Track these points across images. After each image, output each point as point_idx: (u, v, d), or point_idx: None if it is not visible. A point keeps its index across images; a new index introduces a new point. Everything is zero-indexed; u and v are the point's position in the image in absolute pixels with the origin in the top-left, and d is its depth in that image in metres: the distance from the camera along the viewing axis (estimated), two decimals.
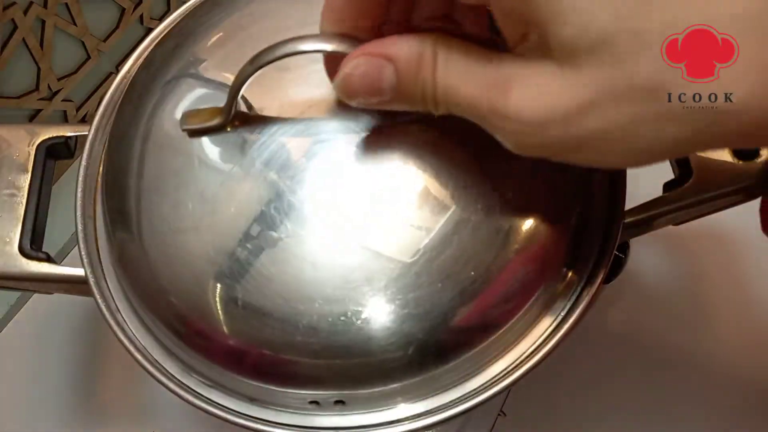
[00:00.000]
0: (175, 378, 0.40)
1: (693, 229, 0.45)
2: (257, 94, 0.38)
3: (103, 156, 0.45)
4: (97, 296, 0.41)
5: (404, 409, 0.39)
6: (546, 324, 0.38)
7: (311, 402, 0.38)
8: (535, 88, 0.25)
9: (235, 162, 0.37)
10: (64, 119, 0.65)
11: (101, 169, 0.45)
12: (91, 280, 0.42)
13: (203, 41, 0.41)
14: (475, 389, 0.38)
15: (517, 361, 0.38)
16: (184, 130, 0.38)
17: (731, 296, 0.57)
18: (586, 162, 0.27)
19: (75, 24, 0.51)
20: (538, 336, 0.38)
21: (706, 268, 0.57)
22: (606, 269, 0.39)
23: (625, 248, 0.50)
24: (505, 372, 0.38)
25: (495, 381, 0.38)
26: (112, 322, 0.41)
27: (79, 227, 0.43)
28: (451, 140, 0.36)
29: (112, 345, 0.51)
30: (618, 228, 0.40)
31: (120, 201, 0.40)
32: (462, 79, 0.27)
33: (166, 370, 0.40)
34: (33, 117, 0.60)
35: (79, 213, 0.43)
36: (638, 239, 0.52)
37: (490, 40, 0.28)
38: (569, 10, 0.23)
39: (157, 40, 0.47)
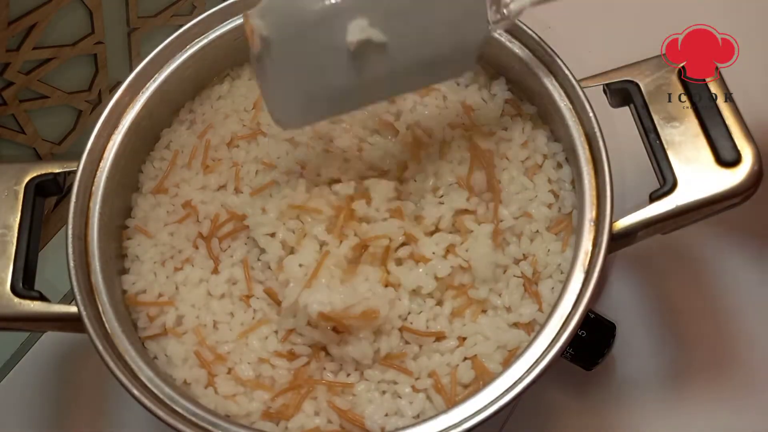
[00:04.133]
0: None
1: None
2: None
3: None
4: (92, 332, 0.41)
5: None
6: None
7: None
8: None
9: None
10: None
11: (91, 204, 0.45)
12: (85, 317, 0.41)
13: None
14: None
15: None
16: None
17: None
18: None
19: (24, 132, 0.52)
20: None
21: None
22: (595, 280, 0.40)
23: (609, 339, 0.49)
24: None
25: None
26: (108, 358, 0.40)
27: (71, 264, 0.43)
28: None
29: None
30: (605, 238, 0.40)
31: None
32: None
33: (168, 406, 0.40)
34: None
35: (70, 250, 0.43)
36: None
37: None
38: None
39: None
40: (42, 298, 0.43)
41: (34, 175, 0.47)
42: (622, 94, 0.46)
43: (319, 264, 0.43)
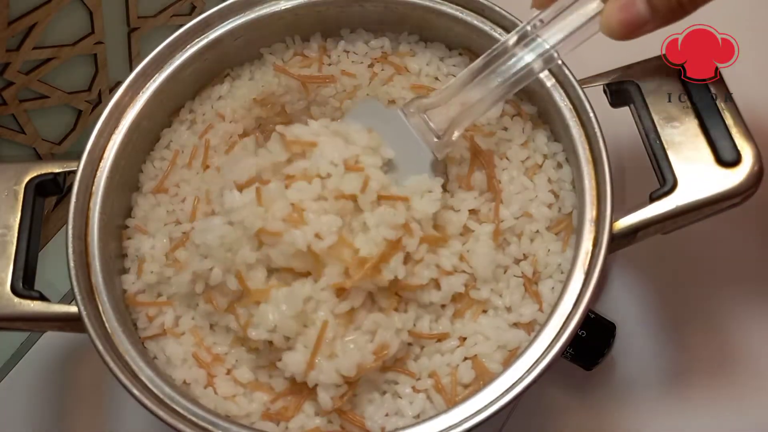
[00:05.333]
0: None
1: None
2: None
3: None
4: (92, 332, 0.41)
5: None
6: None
7: None
8: None
9: None
10: None
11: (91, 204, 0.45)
12: (85, 317, 0.41)
13: None
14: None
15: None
16: None
17: None
18: None
19: (24, 132, 0.52)
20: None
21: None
22: (595, 280, 0.40)
23: (609, 339, 0.50)
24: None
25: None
26: (108, 358, 0.40)
27: (71, 264, 0.43)
28: None
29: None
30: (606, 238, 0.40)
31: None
32: None
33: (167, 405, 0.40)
34: None
35: (70, 250, 0.43)
36: None
37: None
38: None
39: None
40: (42, 298, 0.43)
41: (34, 175, 0.47)
42: (622, 94, 0.46)
43: (319, 339, 0.40)
